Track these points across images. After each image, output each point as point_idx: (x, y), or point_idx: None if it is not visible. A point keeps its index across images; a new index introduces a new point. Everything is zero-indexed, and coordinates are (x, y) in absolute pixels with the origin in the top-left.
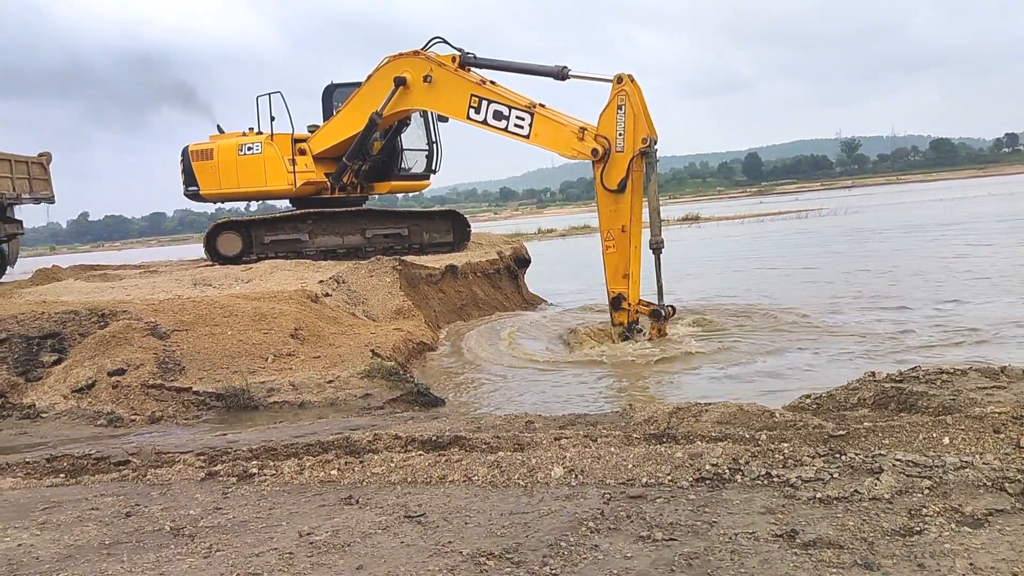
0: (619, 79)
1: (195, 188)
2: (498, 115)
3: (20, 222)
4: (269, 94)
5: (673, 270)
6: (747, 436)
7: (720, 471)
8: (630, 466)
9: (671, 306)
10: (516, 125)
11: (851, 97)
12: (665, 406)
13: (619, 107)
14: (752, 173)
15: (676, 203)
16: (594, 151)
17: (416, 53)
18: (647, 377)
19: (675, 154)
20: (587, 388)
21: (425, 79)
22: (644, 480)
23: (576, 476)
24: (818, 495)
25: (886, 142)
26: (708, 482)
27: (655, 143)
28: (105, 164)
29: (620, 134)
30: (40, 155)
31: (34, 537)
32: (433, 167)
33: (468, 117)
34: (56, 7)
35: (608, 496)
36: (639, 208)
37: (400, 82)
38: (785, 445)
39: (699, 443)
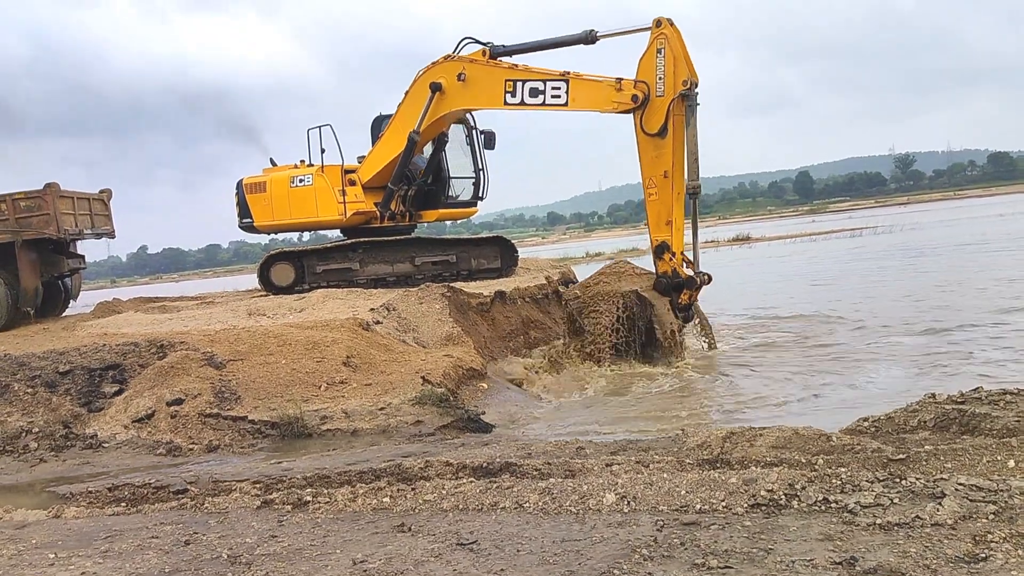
0: (658, 23)
1: (249, 220)
2: (534, 92)
3: (82, 257)
4: (319, 127)
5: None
6: (803, 461)
7: (776, 497)
8: (683, 492)
9: (707, 274)
10: (553, 96)
11: (904, 112)
12: (718, 431)
13: (658, 51)
14: (803, 191)
15: (726, 223)
16: (634, 97)
17: (447, 57)
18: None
19: (724, 174)
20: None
21: (459, 78)
22: (698, 506)
23: (628, 503)
24: (878, 521)
25: (941, 157)
26: (764, 508)
27: (696, 86)
28: (163, 198)
29: (660, 78)
30: (101, 191)
31: (97, 565)
32: (480, 194)
33: (505, 103)
34: (111, 50)
35: (661, 523)
36: (680, 153)
37: (436, 88)
38: (843, 470)
39: (754, 468)
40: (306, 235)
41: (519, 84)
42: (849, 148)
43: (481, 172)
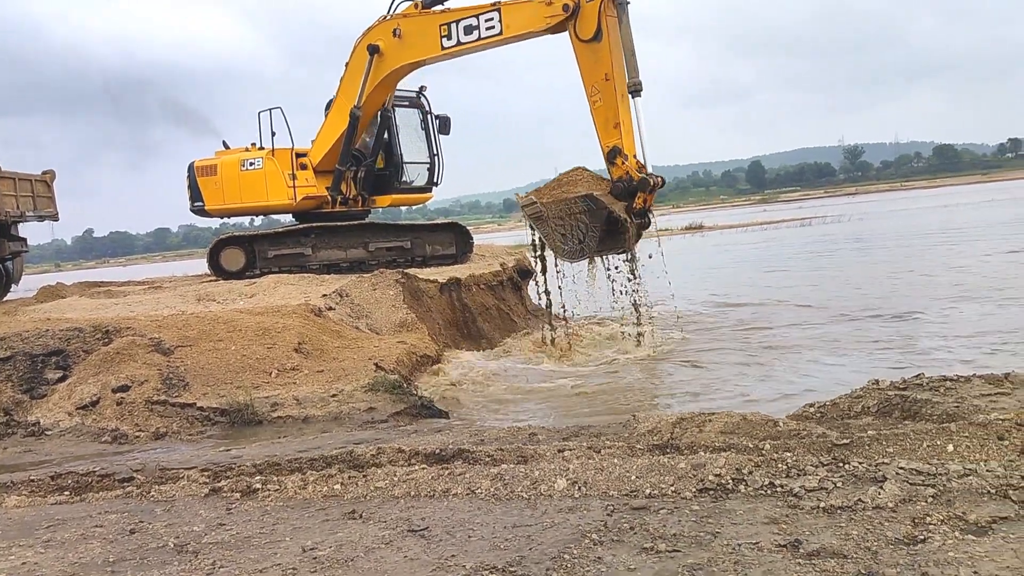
0: None
1: (200, 204)
2: (468, 29)
3: (24, 240)
4: (270, 110)
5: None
6: (751, 446)
7: (723, 481)
8: (633, 477)
9: (660, 177)
10: (487, 28)
11: (853, 105)
12: (669, 416)
13: None
14: (756, 181)
15: (679, 212)
16: (564, 7)
17: (383, 19)
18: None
19: (678, 163)
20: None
21: (395, 34)
22: (647, 491)
23: (579, 488)
24: (822, 504)
25: (889, 149)
26: (711, 492)
27: None
28: (109, 181)
29: None
30: (44, 173)
31: (39, 555)
32: (435, 179)
33: (442, 48)
34: (52, 24)
35: (611, 508)
36: (619, 54)
37: (373, 51)
38: (789, 455)
39: (702, 453)
40: (258, 219)
41: (453, 25)
42: (800, 139)
43: (436, 157)
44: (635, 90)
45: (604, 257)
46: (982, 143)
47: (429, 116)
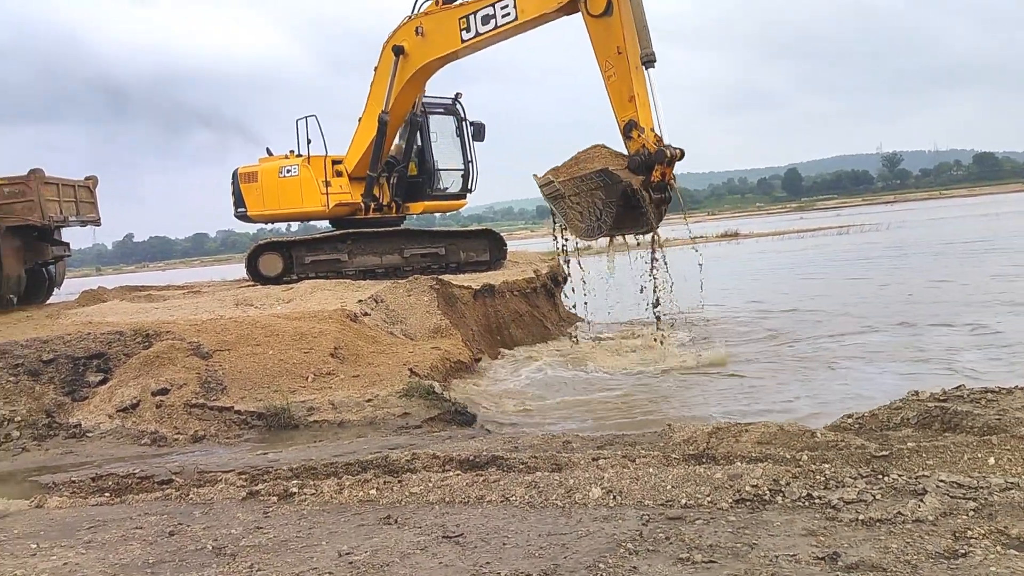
0: None
1: (243, 209)
2: (486, 19)
3: (67, 244)
4: (306, 117)
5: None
6: (788, 457)
7: (760, 492)
8: (669, 487)
9: (679, 149)
10: (503, 15)
11: (891, 112)
12: (704, 426)
13: None
14: (792, 189)
15: (714, 219)
16: None
17: (407, 19)
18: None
19: (712, 170)
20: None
21: (417, 33)
22: (683, 501)
23: (614, 497)
24: (860, 517)
25: (928, 157)
26: (748, 503)
27: None
28: (149, 187)
29: None
30: (87, 178)
31: (80, 556)
32: (469, 186)
33: (462, 41)
34: (89, 34)
35: (647, 518)
36: (631, 27)
37: (398, 52)
38: (827, 466)
39: (739, 464)
40: (295, 225)
41: (471, 17)
42: (837, 147)
43: (470, 164)
44: (648, 61)
45: (624, 236)
46: None
47: (464, 123)
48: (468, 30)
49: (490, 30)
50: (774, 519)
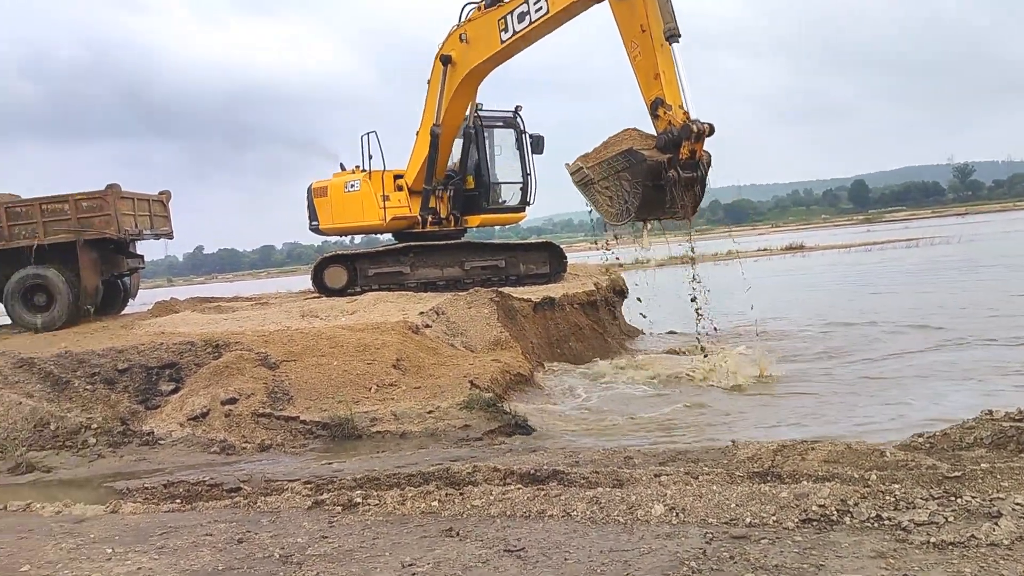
0: None
1: (316, 223)
2: (521, 16)
3: (141, 256)
4: (367, 133)
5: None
6: (856, 476)
7: (828, 512)
8: (733, 505)
9: (708, 124)
10: (537, 10)
11: (961, 122)
12: (769, 444)
13: None
14: (859, 200)
15: (779, 232)
16: None
17: (454, 29)
18: None
19: (776, 181)
20: None
21: (461, 40)
22: (748, 520)
23: (677, 514)
24: (932, 540)
25: (1002, 167)
26: (815, 523)
27: None
28: (218, 200)
29: None
30: (160, 193)
31: (153, 561)
32: (528, 199)
33: (502, 42)
34: (163, 55)
35: (710, 536)
36: (653, 5)
37: (446, 61)
38: (896, 486)
39: (805, 483)
40: (358, 238)
41: (508, 17)
42: (905, 157)
43: (529, 177)
44: (672, 35)
45: (659, 221)
46: None
47: (523, 136)
48: (506, 30)
49: (526, 27)
50: (842, 540)
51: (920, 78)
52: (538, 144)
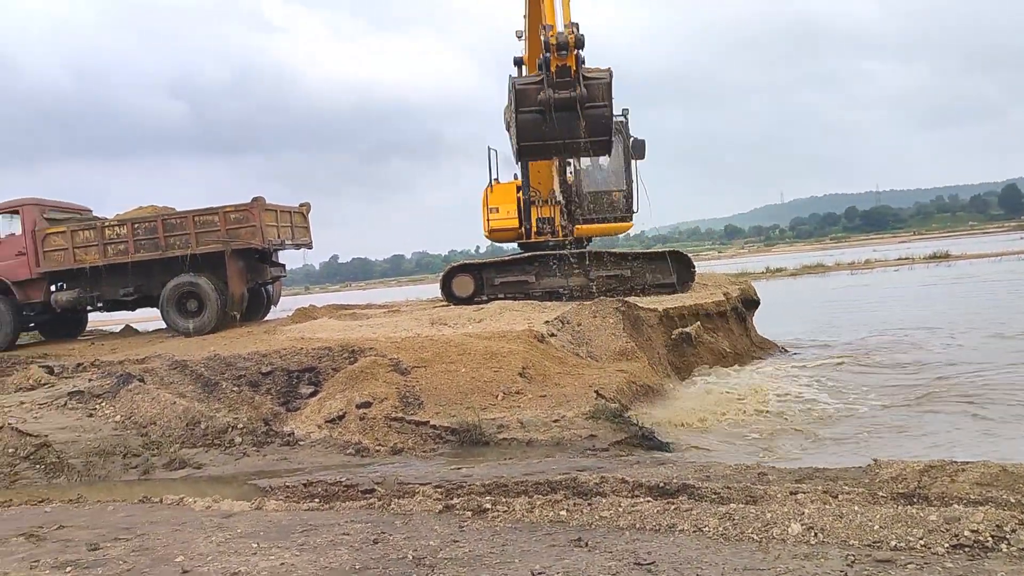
0: None
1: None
2: None
3: (283, 265)
4: (489, 147)
5: None
6: (1012, 500)
7: (982, 538)
8: (876, 527)
9: (571, 31)
10: None
11: None
12: (915, 463)
13: None
14: (1011, 206)
15: (922, 239)
16: None
17: None
18: None
19: (920, 187)
20: None
21: (518, 38)
22: (893, 543)
23: (815, 534)
24: None
25: None
26: (967, 550)
27: None
28: (352, 211)
29: None
30: (300, 205)
31: (295, 557)
32: (633, 207)
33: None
34: (299, 72)
35: (852, 558)
36: None
37: (518, 63)
38: None
39: (956, 506)
40: (483, 247)
41: None
42: None
43: (632, 185)
44: None
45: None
46: None
47: (627, 141)
48: None
49: None
50: (998, 569)
51: None
52: (639, 148)
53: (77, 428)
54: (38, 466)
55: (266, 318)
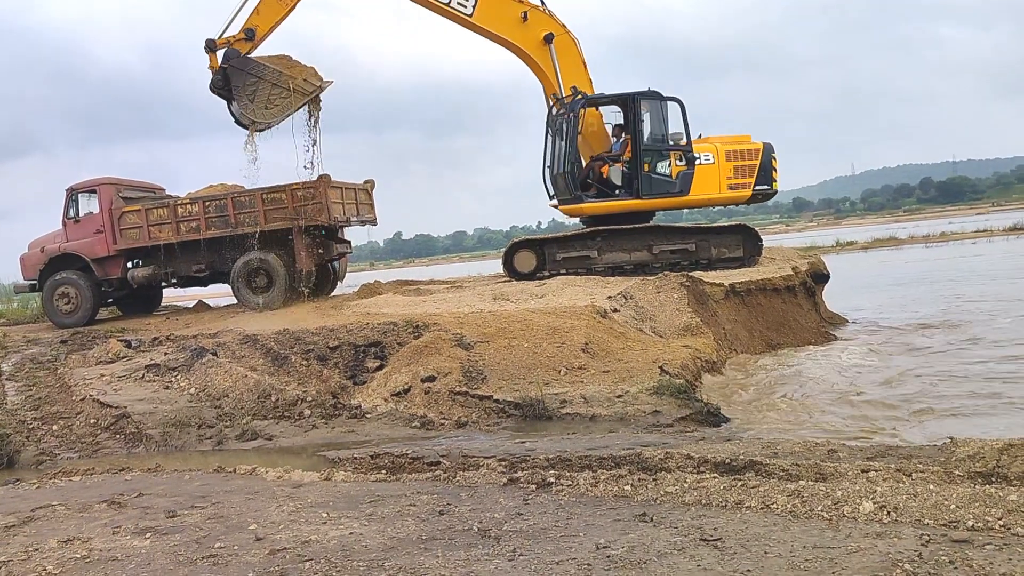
0: None
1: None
2: None
3: (349, 242)
4: None
5: None
6: None
7: None
8: (952, 507)
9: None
10: (459, 3)
11: None
12: (994, 442)
13: None
14: None
15: (1001, 210)
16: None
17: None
18: None
19: (999, 156)
20: None
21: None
22: (970, 523)
23: (888, 513)
24: None
25: None
26: None
27: None
28: (415, 188)
29: None
30: (365, 182)
31: (363, 527)
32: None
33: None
34: (361, 52)
35: (927, 538)
36: None
37: (548, 39)
38: None
39: None
40: (544, 223)
41: None
42: None
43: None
44: None
45: None
46: None
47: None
48: None
49: (440, 3)
50: None
51: None
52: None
53: (154, 400)
54: (118, 436)
55: (333, 294)
